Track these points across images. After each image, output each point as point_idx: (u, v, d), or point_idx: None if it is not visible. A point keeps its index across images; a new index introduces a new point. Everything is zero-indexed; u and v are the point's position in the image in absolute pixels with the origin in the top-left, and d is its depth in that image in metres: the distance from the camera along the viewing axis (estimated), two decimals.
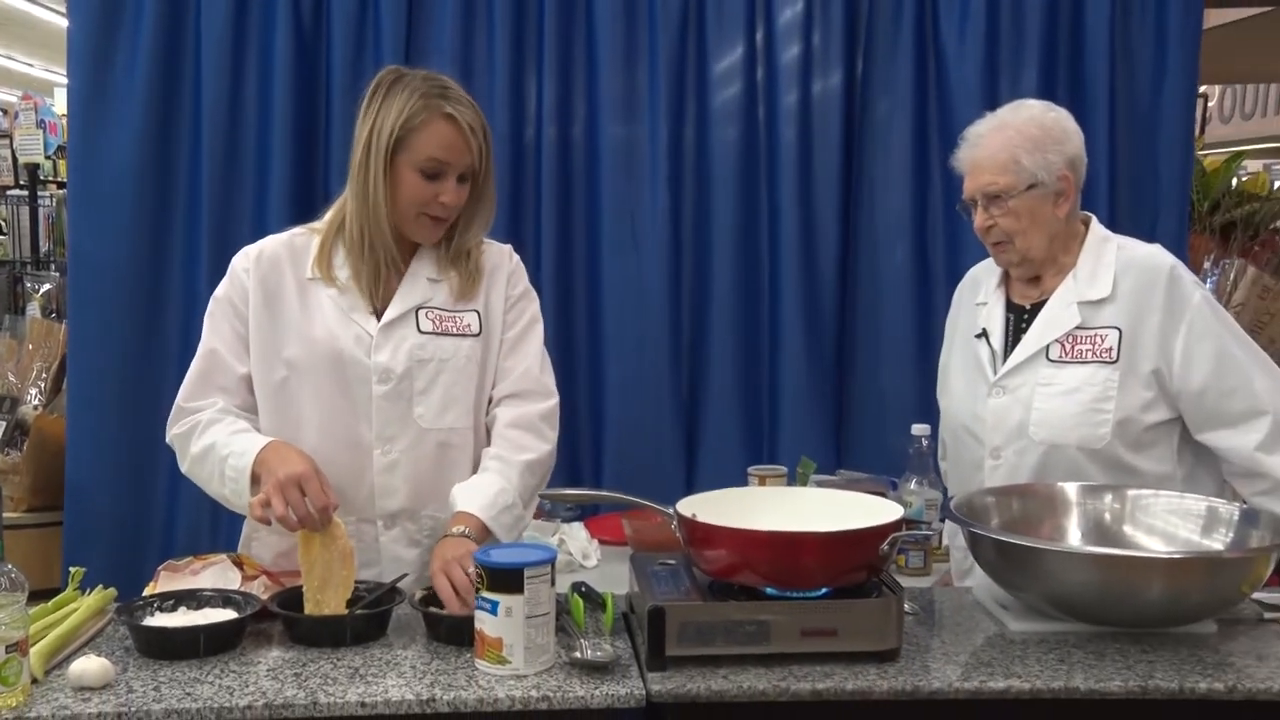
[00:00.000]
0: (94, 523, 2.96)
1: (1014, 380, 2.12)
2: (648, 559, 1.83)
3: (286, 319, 1.95)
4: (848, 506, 1.79)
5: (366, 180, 1.90)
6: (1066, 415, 2.05)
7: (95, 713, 1.47)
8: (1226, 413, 2.03)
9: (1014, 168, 2.07)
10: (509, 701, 1.52)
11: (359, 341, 1.94)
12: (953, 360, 2.29)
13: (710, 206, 3.08)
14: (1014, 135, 2.08)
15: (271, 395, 1.96)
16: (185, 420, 1.94)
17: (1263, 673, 1.61)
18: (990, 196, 2.09)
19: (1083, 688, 1.57)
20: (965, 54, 3.05)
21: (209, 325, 1.98)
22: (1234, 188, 4.30)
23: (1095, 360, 2.05)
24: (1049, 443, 2.07)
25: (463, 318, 1.99)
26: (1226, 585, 1.73)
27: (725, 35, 3.05)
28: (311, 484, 1.76)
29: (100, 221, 2.93)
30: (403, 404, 1.94)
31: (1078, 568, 1.73)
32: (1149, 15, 3.06)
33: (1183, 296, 2.04)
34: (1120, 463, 2.05)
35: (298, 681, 1.56)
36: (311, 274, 1.96)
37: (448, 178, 1.89)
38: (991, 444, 2.13)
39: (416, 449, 1.96)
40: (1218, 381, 2.02)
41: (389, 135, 1.87)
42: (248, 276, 1.96)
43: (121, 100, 2.91)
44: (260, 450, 1.84)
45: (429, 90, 1.89)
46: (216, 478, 1.88)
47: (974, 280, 2.32)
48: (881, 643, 1.62)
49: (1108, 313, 2.07)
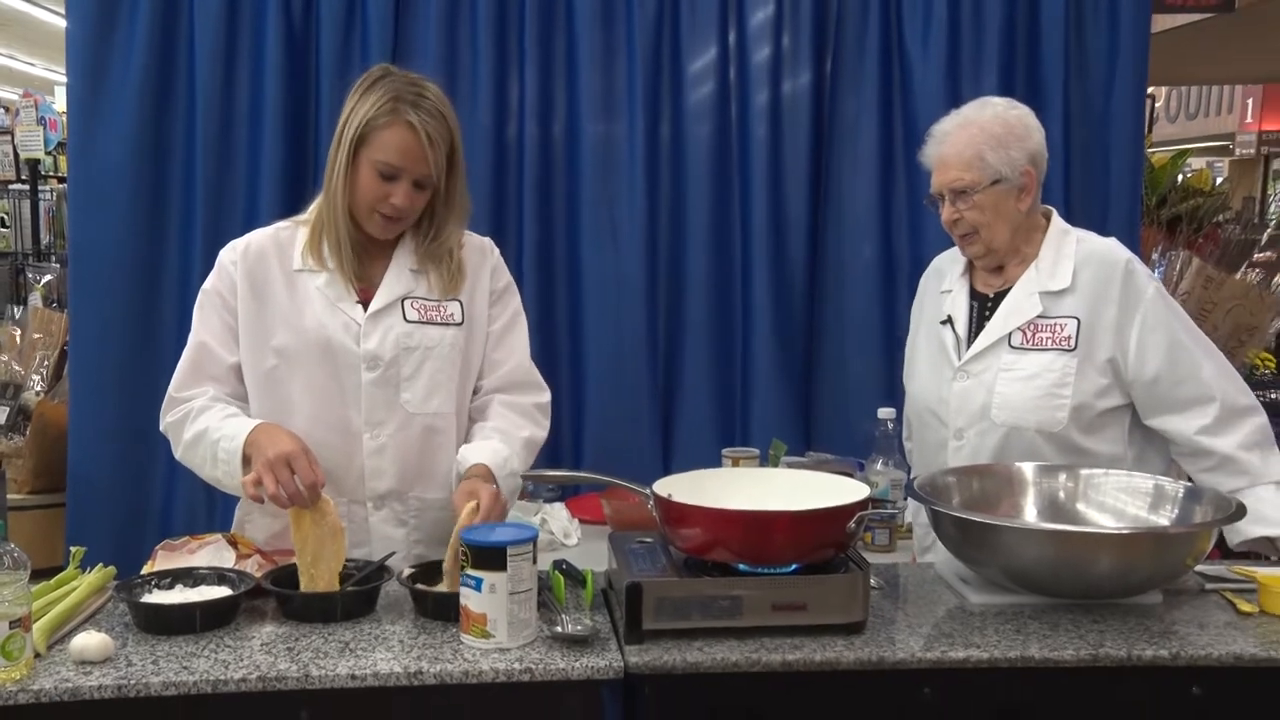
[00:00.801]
0: (94, 504, 2.93)
1: (977, 365, 2.12)
2: (626, 537, 1.83)
3: (275, 309, 1.93)
4: (816, 486, 1.79)
5: (332, 170, 1.90)
6: (1027, 399, 2.06)
7: (96, 685, 1.46)
8: (1176, 399, 2.04)
9: (979, 164, 2.07)
10: (493, 674, 1.51)
11: (347, 329, 1.93)
12: (918, 346, 2.30)
13: (685, 201, 3.07)
14: (978, 132, 2.08)
15: (261, 383, 1.94)
16: (177, 409, 1.93)
17: (1204, 640, 1.63)
18: (956, 192, 2.09)
19: (1037, 656, 1.58)
20: (929, 57, 3.05)
21: (198, 317, 1.97)
22: (1179, 184, 4.33)
23: (1055, 348, 2.06)
24: (1009, 425, 2.07)
25: (446, 307, 1.98)
26: (1172, 559, 1.75)
27: (699, 36, 3.04)
28: (300, 462, 1.75)
29: (99, 214, 2.90)
30: (390, 390, 1.94)
31: (1034, 543, 1.74)
32: (1101, 22, 3.06)
33: (1137, 290, 2.05)
34: (1074, 445, 2.06)
35: (290, 655, 1.55)
36: (298, 265, 1.95)
37: (401, 181, 1.87)
38: (955, 425, 2.14)
39: (404, 433, 1.95)
40: (1169, 370, 2.03)
41: (355, 130, 1.86)
42: (235, 269, 1.95)
43: (118, 97, 2.88)
44: (250, 432, 1.82)
45: (402, 94, 1.87)
46: (209, 461, 1.87)
47: (938, 270, 2.32)
48: (848, 616, 1.63)
49: (1067, 303, 2.08)
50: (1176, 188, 4.24)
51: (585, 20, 2.99)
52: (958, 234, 2.14)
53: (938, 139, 2.14)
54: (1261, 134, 10.96)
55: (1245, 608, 1.75)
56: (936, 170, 2.14)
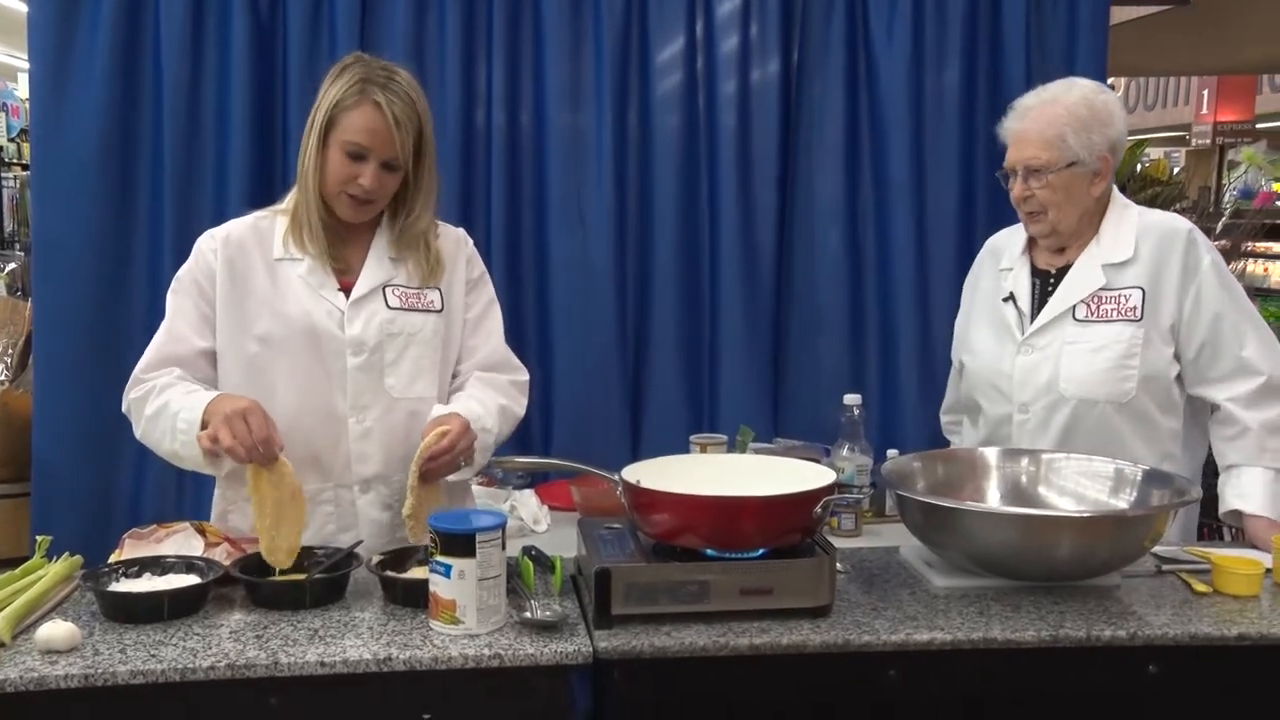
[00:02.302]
0: (61, 493, 2.89)
1: (1042, 339, 2.12)
2: (595, 523, 1.83)
3: (257, 297, 1.92)
4: (784, 472, 1.79)
5: (304, 155, 1.90)
6: (1094, 371, 2.06)
7: (62, 674, 1.44)
8: (1217, 370, 2.06)
9: (1059, 144, 2.05)
10: (462, 660, 1.51)
11: (330, 316, 1.92)
12: (975, 322, 2.29)
13: (653, 190, 3.07)
14: (1063, 112, 2.06)
15: (243, 370, 1.93)
16: (140, 386, 1.90)
17: (1160, 620, 1.65)
18: (1031, 169, 2.07)
19: (1000, 638, 1.59)
20: (893, 47, 3.05)
21: (172, 302, 1.95)
22: (1138, 173, 4.37)
23: (1120, 319, 2.06)
24: (1078, 397, 2.08)
25: (426, 294, 1.99)
26: (1130, 541, 1.77)
27: (667, 26, 3.03)
28: (255, 417, 1.73)
29: (63, 202, 2.85)
30: (374, 375, 1.94)
31: (996, 527, 1.75)
32: (1060, 13, 3.08)
33: (1196, 259, 2.06)
34: (1147, 417, 2.07)
35: (259, 643, 1.53)
36: (279, 254, 1.94)
37: (368, 162, 1.87)
38: (1020, 400, 2.14)
39: (388, 417, 1.95)
40: (1213, 340, 2.05)
41: (325, 114, 1.87)
42: (214, 257, 1.93)
43: (82, 83, 2.83)
44: (209, 401, 1.81)
45: (371, 76, 1.87)
46: (168, 435, 1.84)
47: (995, 248, 2.31)
48: (815, 600, 1.63)
49: (1130, 273, 2.07)
50: (1135, 177, 4.28)
51: (553, 10, 2.98)
52: (1025, 211, 2.12)
53: (1019, 113, 2.11)
54: (1216, 125, 11.10)
55: (1200, 588, 1.78)
56: (1013, 145, 2.11)
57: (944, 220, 3.07)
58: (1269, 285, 7.16)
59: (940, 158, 3.06)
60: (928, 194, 3.08)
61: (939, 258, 3.08)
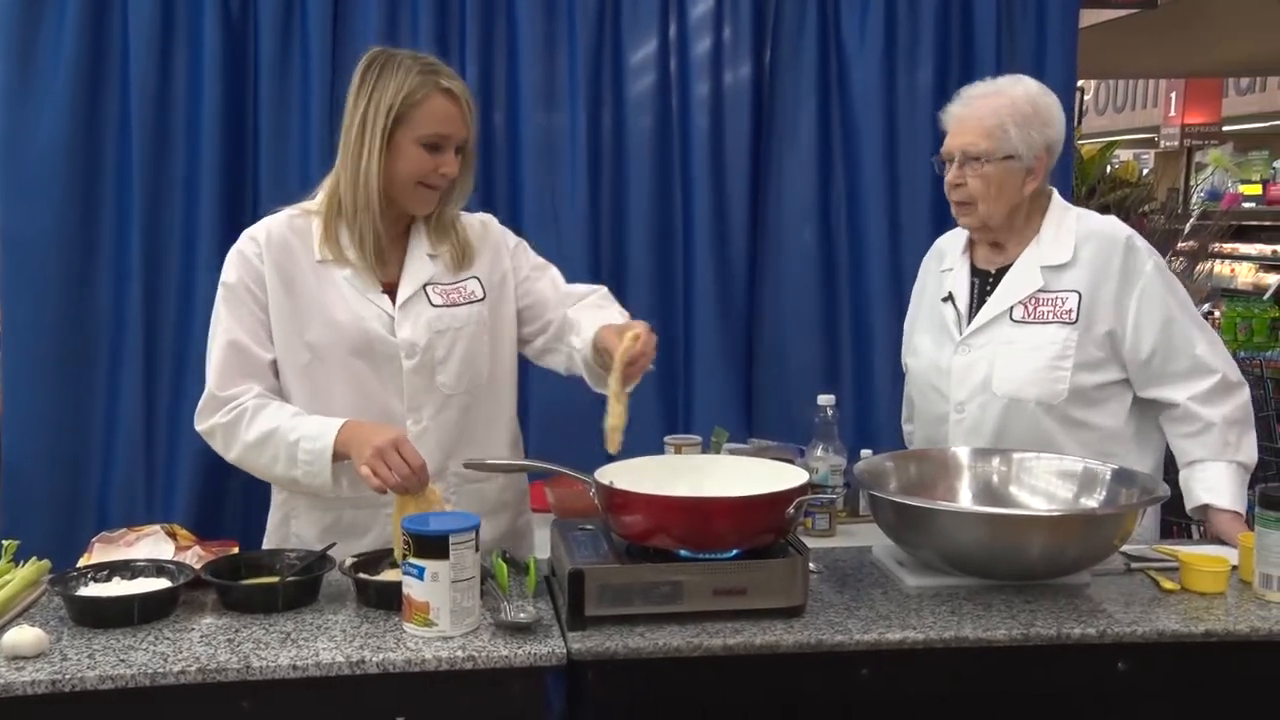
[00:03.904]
0: (28, 496, 2.84)
1: (979, 339, 2.13)
2: (569, 524, 1.83)
3: (305, 302, 1.91)
4: (757, 473, 1.80)
5: (360, 155, 1.87)
6: (1028, 371, 2.07)
7: (29, 680, 1.42)
8: (1170, 372, 2.07)
9: (999, 134, 2.06)
10: (436, 662, 1.50)
11: (380, 320, 1.93)
12: (919, 323, 2.30)
13: (627, 191, 3.06)
14: (1008, 104, 2.07)
15: (299, 378, 1.92)
16: (228, 408, 1.87)
17: (1129, 618, 1.67)
18: (968, 156, 2.08)
19: (971, 637, 1.60)
20: (865, 49, 3.06)
21: (225, 312, 1.91)
22: (1108, 174, 4.42)
23: (1056, 321, 2.07)
24: (1010, 397, 2.09)
25: (466, 286, 2.00)
26: (1100, 540, 1.78)
27: (640, 28, 3.03)
28: (406, 448, 1.76)
29: (30, 202, 2.80)
30: (426, 375, 1.95)
31: (968, 526, 1.77)
32: (1030, 15, 3.10)
33: (1137, 264, 2.07)
34: (1074, 419, 2.08)
35: (230, 647, 1.52)
36: (320, 256, 1.93)
37: (447, 150, 1.90)
38: (956, 399, 2.15)
39: (442, 414, 1.97)
40: (1165, 344, 2.06)
41: (388, 111, 1.85)
42: (260, 261, 1.91)
43: (48, 81, 2.78)
44: (339, 432, 1.80)
45: (423, 68, 1.89)
46: (283, 461, 1.83)
47: (939, 250, 2.33)
48: (788, 600, 1.64)
49: (1068, 277, 2.09)
50: (1105, 178, 4.33)
51: (526, 11, 2.97)
52: (955, 200, 2.13)
53: (964, 100, 2.12)
54: (1184, 127, 11.21)
55: (1168, 585, 1.80)
56: (954, 131, 2.12)
57: (916, 221, 3.09)
58: (1236, 286, 7.26)
59: (912, 158, 3.08)
60: (900, 194, 3.09)
61: (911, 258, 3.07)
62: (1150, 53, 7.31)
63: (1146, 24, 5.55)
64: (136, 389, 2.79)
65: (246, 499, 2.87)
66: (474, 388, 2.00)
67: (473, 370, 1.99)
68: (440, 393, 1.96)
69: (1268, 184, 8.34)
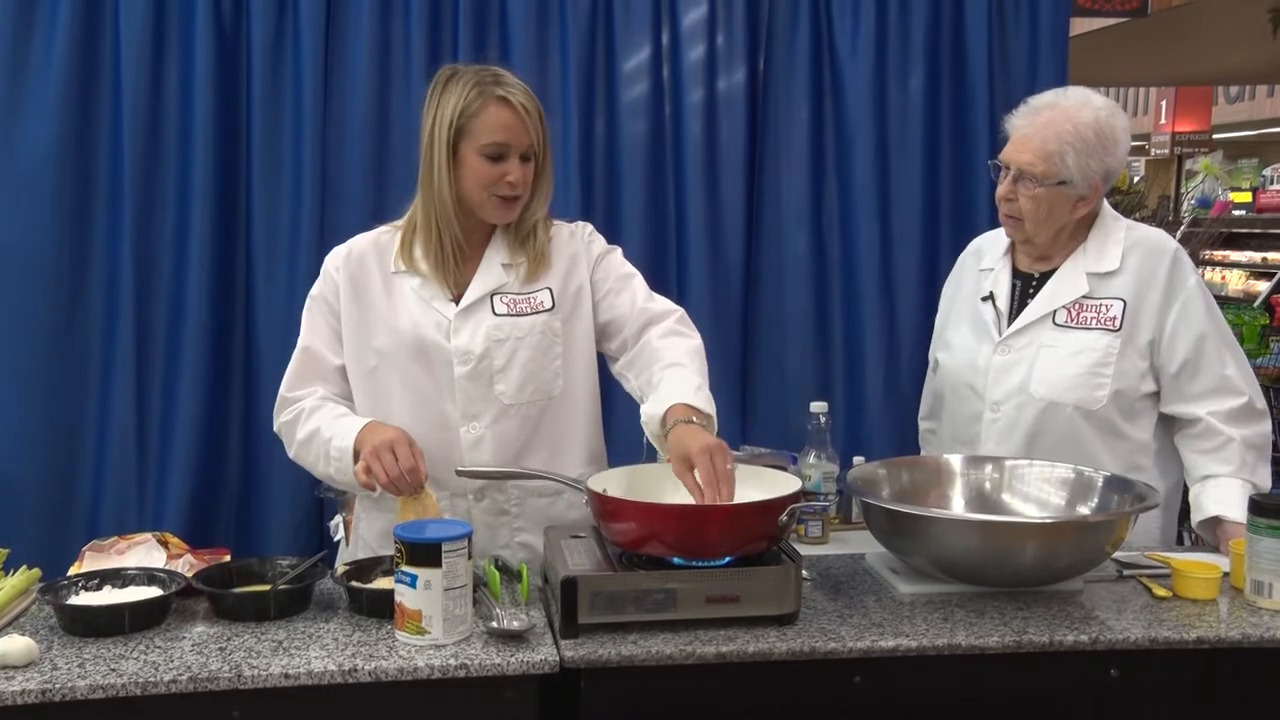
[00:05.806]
0: (18, 504, 2.83)
1: (1019, 340, 2.13)
2: (561, 532, 1.82)
3: (375, 311, 1.97)
4: (750, 480, 1.79)
5: (431, 171, 1.92)
6: (1067, 376, 2.08)
7: (19, 690, 1.41)
8: (1196, 389, 2.07)
9: (1057, 160, 2.05)
10: (428, 670, 1.50)
11: (439, 327, 1.95)
12: (954, 320, 2.30)
13: (620, 198, 3.06)
14: (1071, 130, 2.05)
15: (364, 382, 1.98)
16: (289, 409, 1.98)
17: (1121, 624, 1.67)
18: (1023, 174, 2.07)
19: (964, 644, 1.60)
20: (857, 56, 3.07)
21: (306, 321, 2.03)
22: None
23: (1099, 327, 2.07)
24: (1048, 400, 2.09)
25: (536, 296, 2.00)
26: (1092, 546, 1.79)
27: (633, 36, 3.03)
28: (400, 448, 1.80)
29: (20, 208, 2.79)
30: (483, 383, 1.95)
31: (961, 533, 1.77)
32: (1022, 25, 3.12)
33: (1182, 277, 2.08)
34: (1113, 427, 2.08)
35: (222, 655, 1.52)
36: (395, 267, 1.98)
37: (510, 158, 1.91)
38: (992, 398, 2.15)
39: (499, 424, 1.96)
40: (1195, 359, 2.06)
41: (449, 126, 1.89)
42: (338, 274, 2.00)
43: (39, 89, 2.77)
44: (359, 430, 1.86)
45: (482, 79, 1.92)
46: (322, 459, 1.92)
47: (978, 249, 2.32)
48: (781, 607, 1.64)
49: (1114, 284, 2.09)
50: None
51: (519, 17, 2.97)
52: (1004, 212, 2.13)
53: (1031, 111, 2.10)
54: (1175, 135, 11.26)
55: (1160, 592, 1.80)
56: (1013, 144, 2.10)
57: (909, 227, 3.10)
58: (1226, 293, 7.29)
59: (905, 165, 3.09)
60: (893, 201, 3.10)
61: (904, 265, 3.10)
62: (1141, 61, 7.33)
63: (1137, 33, 5.57)
64: (128, 397, 2.78)
65: (238, 507, 2.87)
66: (542, 399, 1.98)
67: (538, 381, 1.98)
68: (499, 402, 1.96)
69: (1257, 191, 8.38)
